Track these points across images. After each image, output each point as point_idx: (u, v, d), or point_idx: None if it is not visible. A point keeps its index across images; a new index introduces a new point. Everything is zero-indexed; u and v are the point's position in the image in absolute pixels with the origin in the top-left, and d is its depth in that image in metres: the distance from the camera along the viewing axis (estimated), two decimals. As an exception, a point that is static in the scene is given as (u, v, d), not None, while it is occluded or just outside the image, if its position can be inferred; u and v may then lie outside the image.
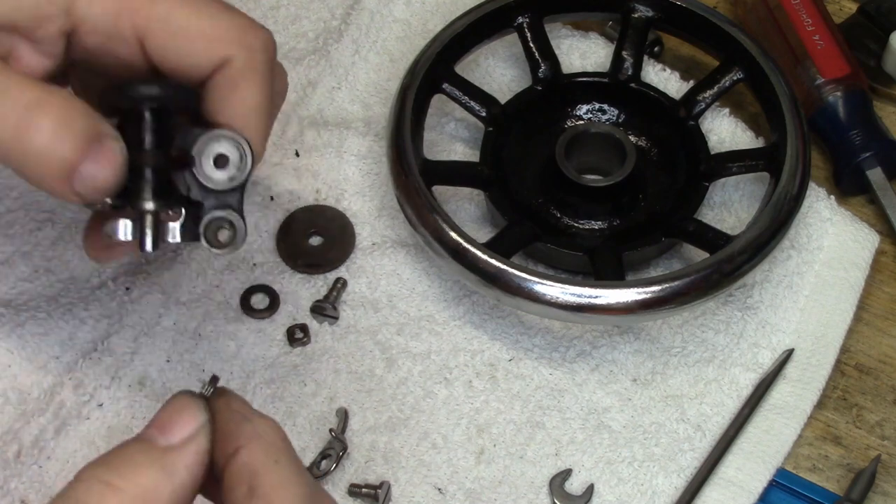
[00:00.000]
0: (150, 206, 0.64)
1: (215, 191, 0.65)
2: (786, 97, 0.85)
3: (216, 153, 0.65)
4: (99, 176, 0.62)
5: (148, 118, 0.64)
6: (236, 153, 0.65)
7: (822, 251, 0.85)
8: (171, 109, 0.65)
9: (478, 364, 0.81)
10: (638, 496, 0.77)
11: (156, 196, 0.64)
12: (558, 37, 0.93)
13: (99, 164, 0.62)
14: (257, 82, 0.68)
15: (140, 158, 0.64)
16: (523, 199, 0.86)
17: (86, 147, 0.61)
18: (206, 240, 0.66)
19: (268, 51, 0.69)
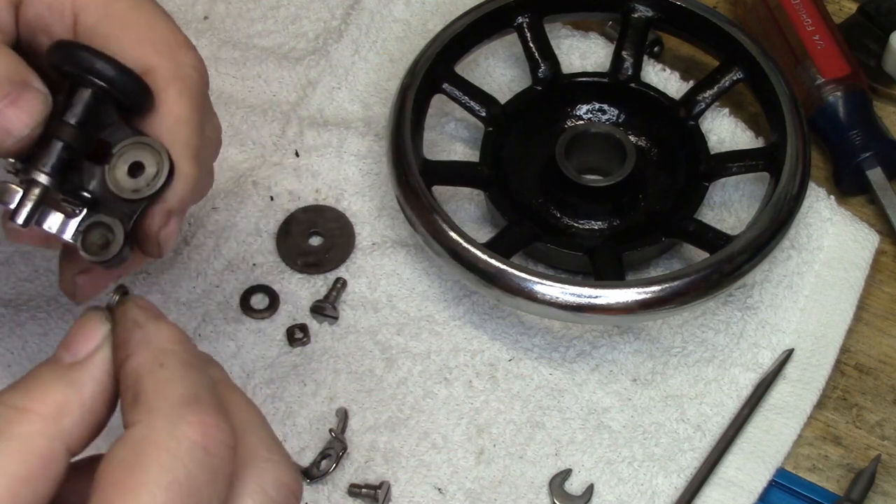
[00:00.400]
0: (42, 178, 0.60)
1: (116, 197, 0.62)
2: (786, 97, 0.85)
3: (134, 160, 0.62)
4: (15, 124, 0.59)
5: (88, 94, 0.61)
6: (153, 167, 0.62)
7: (822, 251, 0.85)
8: (115, 97, 0.62)
9: (478, 364, 0.81)
10: (638, 496, 0.77)
11: (54, 172, 0.61)
12: (558, 37, 0.93)
13: (18, 111, 0.59)
14: (186, 96, 0.65)
15: (58, 129, 0.61)
16: (523, 199, 0.86)
17: (8, 89, 0.59)
18: (82, 241, 0.62)
19: (199, 72, 0.66)
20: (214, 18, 0.96)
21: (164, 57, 0.64)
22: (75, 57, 0.61)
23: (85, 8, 0.64)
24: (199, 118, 0.65)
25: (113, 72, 0.62)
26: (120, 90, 0.62)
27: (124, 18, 0.64)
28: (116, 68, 0.62)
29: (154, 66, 0.64)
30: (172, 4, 0.96)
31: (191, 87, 0.65)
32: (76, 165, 0.62)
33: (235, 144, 0.90)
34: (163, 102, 0.64)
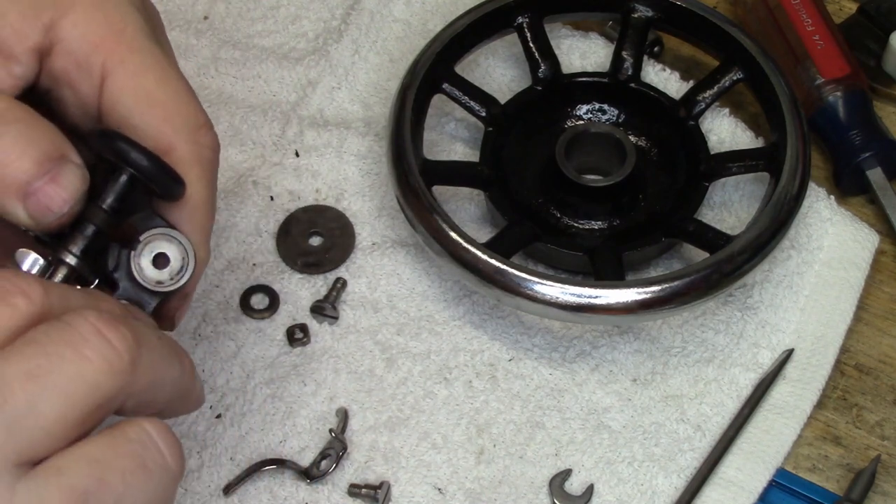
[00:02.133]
0: (71, 260, 0.61)
1: (140, 284, 0.63)
2: (786, 97, 0.85)
3: (160, 251, 0.63)
4: (55, 200, 0.59)
5: (123, 181, 0.62)
6: (179, 262, 0.64)
7: (822, 251, 0.85)
8: (149, 188, 0.63)
9: (478, 364, 0.81)
10: (638, 496, 0.77)
11: (83, 255, 0.61)
12: (558, 37, 0.93)
13: (58, 188, 0.59)
14: (205, 180, 0.65)
15: (91, 213, 0.62)
16: (523, 199, 0.86)
17: (48, 165, 0.59)
18: None
19: (215, 153, 0.67)
20: (214, 18, 0.96)
21: (185, 139, 0.65)
22: (116, 146, 0.62)
23: (114, 73, 0.64)
24: (215, 200, 0.66)
25: (151, 164, 0.62)
26: (156, 182, 0.63)
27: (151, 95, 0.64)
28: (154, 161, 0.62)
29: (175, 148, 0.64)
30: (172, 4, 0.96)
31: (208, 171, 0.65)
32: (103, 248, 0.63)
33: (235, 144, 0.90)
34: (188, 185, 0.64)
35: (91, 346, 0.54)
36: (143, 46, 0.65)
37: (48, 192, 0.59)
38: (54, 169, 0.59)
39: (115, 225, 0.62)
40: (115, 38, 0.64)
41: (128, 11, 0.66)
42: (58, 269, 0.61)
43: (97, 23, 0.64)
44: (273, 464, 0.77)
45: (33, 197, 0.59)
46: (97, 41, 0.64)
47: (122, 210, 0.63)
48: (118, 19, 0.65)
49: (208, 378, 0.80)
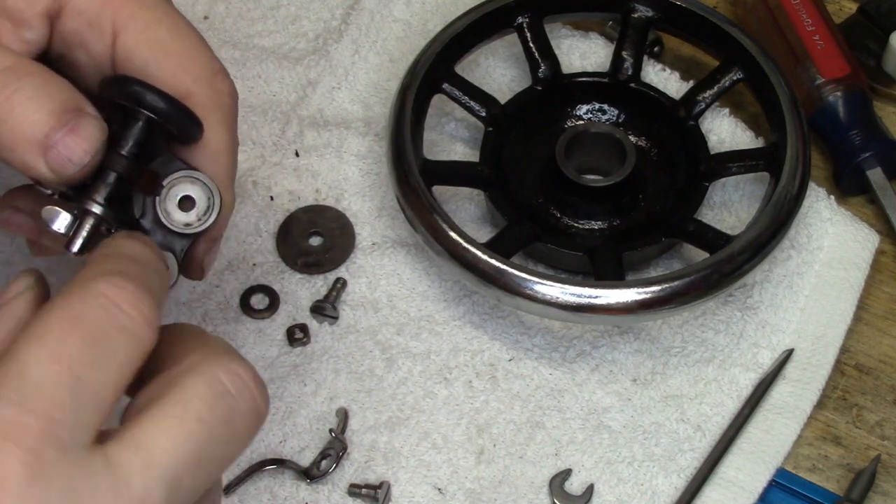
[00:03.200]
0: (97, 209, 0.61)
1: (167, 228, 0.63)
2: (786, 97, 0.85)
3: (186, 193, 0.63)
4: (76, 151, 0.59)
5: (140, 125, 0.62)
6: (205, 202, 0.64)
7: (822, 251, 0.85)
8: (167, 130, 0.63)
9: (478, 364, 0.81)
10: (638, 496, 0.77)
11: (108, 203, 0.61)
12: (558, 37, 0.93)
13: (77, 139, 0.59)
14: (225, 124, 0.66)
15: (111, 160, 0.62)
16: (523, 199, 0.86)
17: (65, 117, 0.59)
18: None
19: (234, 100, 0.67)
20: (214, 18, 0.96)
21: (203, 85, 0.65)
22: (130, 90, 0.62)
23: (125, 29, 0.64)
24: (236, 146, 0.67)
25: (167, 105, 0.62)
26: (174, 123, 0.63)
27: (165, 44, 0.65)
28: (170, 102, 0.62)
29: (193, 94, 0.64)
30: (172, 4, 0.96)
31: (228, 116, 0.66)
32: (127, 196, 0.63)
33: (235, 144, 0.90)
34: (206, 131, 0.64)
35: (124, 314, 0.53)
36: (151, 1, 0.65)
37: (68, 143, 0.59)
38: (72, 121, 0.59)
39: (136, 171, 0.62)
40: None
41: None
42: (84, 220, 0.61)
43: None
44: (273, 464, 0.77)
45: (53, 150, 0.59)
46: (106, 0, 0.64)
47: (142, 156, 0.63)
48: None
49: (208, 378, 0.80)
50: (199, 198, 0.64)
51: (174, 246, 0.64)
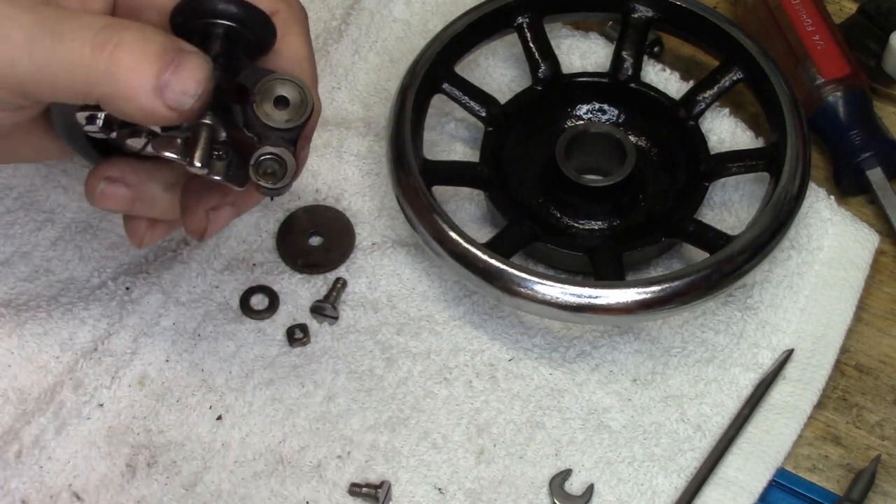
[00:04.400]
0: (207, 119, 0.64)
1: (272, 128, 0.65)
2: (786, 97, 0.85)
3: (278, 94, 0.66)
4: (188, 85, 0.62)
5: (221, 35, 0.64)
6: (298, 97, 0.66)
7: (822, 251, 0.85)
8: (243, 34, 0.65)
9: (478, 364, 0.81)
10: (638, 496, 0.77)
11: (214, 112, 0.64)
12: (558, 37, 0.93)
13: (185, 73, 0.62)
14: (304, 35, 0.70)
15: None
16: (523, 199, 0.86)
17: (171, 57, 0.61)
18: (256, 173, 0.65)
19: (306, 15, 0.71)
20: (214, 18, 0.96)
21: (281, 2, 0.69)
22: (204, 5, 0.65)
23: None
24: (313, 55, 0.71)
25: (241, 11, 0.65)
26: (250, 27, 0.66)
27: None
28: (242, 7, 0.65)
29: (275, 11, 0.69)
30: (172, 4, 0.96)
31: (305, 28, 0.71)
32: (227, 107, 0.65)
33: (235, 144, 0.90)
34: (287, 43, 0.69)
35: None
36: None
37: (179, 78, 0.62)
38: (176, 59, 0.62)
39: (228, 81, 0.65)
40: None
41: None
42: (198, 132, 0.64)
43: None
44: None
45: (167, 89, 0.61)
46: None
47: (229, 67, 0.65)
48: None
49: (208, 377, 0.80)
50: (292, 95, 0.66)
51: (285, 143, 0.66)
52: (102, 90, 0.62)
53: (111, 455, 0.77)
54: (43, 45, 0.61)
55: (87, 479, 0.76)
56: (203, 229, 0.72)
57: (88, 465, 0.77)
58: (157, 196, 0.70)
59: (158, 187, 0.70)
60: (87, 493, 0.76)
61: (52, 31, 0.61)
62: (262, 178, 0.66)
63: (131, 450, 0.77)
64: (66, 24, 0.61)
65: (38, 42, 0.61)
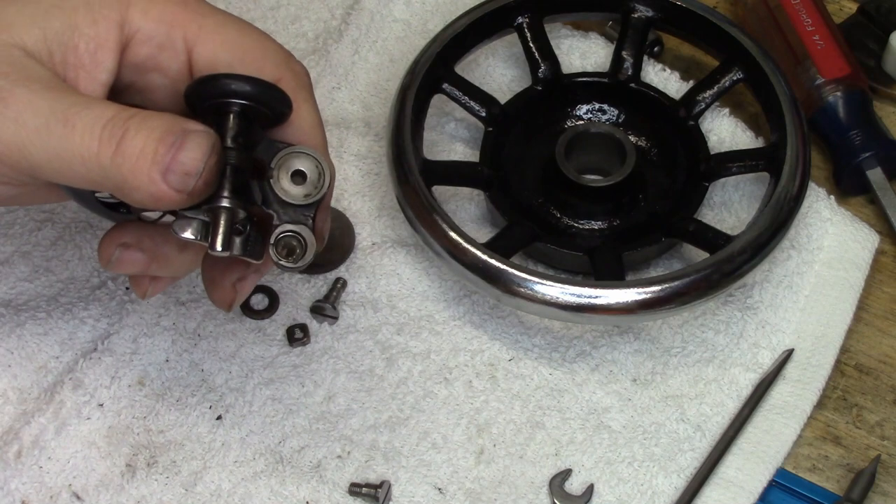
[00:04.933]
0: (226, 202, 0.63)
1: (291, 204, 0.65)
2: (786, 97, 0.85)
3: (295, 168, 0.65)
4: (190, 163, 0.61)
5: (234, 115, 0.64)
6: (315, 171, 0.65)
7: (822, 251, 0.85)
8: (259, 110, 0.65)
9: (478, 364, 0.81)
10: (638, 496, 0.77)
11: (234, 194, 0.63)
12: (558, 37, 0.93)
13: (188, 151, 0.61)
14: (311, 100, 0.69)
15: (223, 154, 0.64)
16: (523, 199, 0.86)
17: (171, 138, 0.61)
18: (276, 252, 0.65)
19: (310, 78, 0.70)
20: (214, 18, 0.96)
21: (284, 69, 0.68)
22: (218, 86, 0.64)
23: (198, 41, 0.67)
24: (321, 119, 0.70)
25: (255, 88, 0.64)
26: (265, 103, 0.65)
27: (239, 43, 0.67)
28: (256, 84, 0.65)
29: (280, 78, 0.67)
30: (172, 4, 0.96)
31: (311, 93, 0.69)
32: (245, 185, 0.65)
33: (235, 144, 0.90)
34: (295, 111, 0.68)
35: None
36: (208, 8, 0.68)
37: (180, 159, 0.61)
38: (178, 140, 0.61)
39: (246, 159, 0.64)
40: (184, 9, 0.67)
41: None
42: (217, 216, 0.63)
43: (163, 3, 0.66)
44: None
45: (170, 172, 0.61)
46: (170, 19, 0.66)
47: (247, 144, 0.65)
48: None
49: (207, 377, 0.80)
50: (309, 169, 0.66)
51: (303, 218, 0.65)
52: (113, 182, 0.62)
53: (111, 455, 0.77)
54: (55, 133, 0.61)
55: (87, 479, 0.76)
56: (231, 300, 0.71)
57: (88, 465, 0.77)
58: (173, 257, 0.69)
59: (174, 249, 0.69)
60: (87, 493, 0.76)
61: (64, 120, 0.61)
62: (282, 256, 0.65)
63: (131, 450, 0.77)
64: (78, 114, 0.62)
65: (51, 129, 0.61)
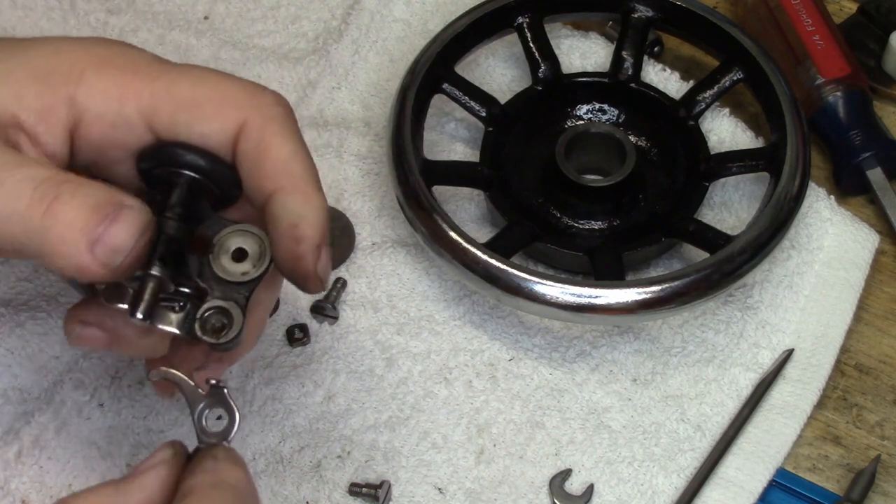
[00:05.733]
0: (154, 271, 0.61)
1: (225, 281, 0.63)
2: (786, 97, 0.85)
3: (237, 246, 0.64)
4: (120, 239, 0.59)
5: (181, 186, 0.63)
6: (257, 250, 0.64)
7: (822, 251, 0.85)
8: (207, 185, 0.63)
9: (478, 364, 0.81)
10: (638, 496, 0.77)
11: (163, 264, 0.62)
12: (558, 37, 0.93)
13: (120, 226, 0.59)
14: (283, 133, 0.65)
15: (160, 224, 0.62)
16: (523, 199, 0.86)
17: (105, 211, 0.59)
18: (200, 327, 0.63)
19: (283, 105, 0.66)
20: (214, 18, 0.96)
21: (248, 108, 0.65)
22: (165, 156, 0.63)
23: (152, 109, 0.64)
24: (304, 147, 0.66)
25: (206, 163, 0.63)
26: (214, 180, 0.63)
27: (193, 99, 0.64)
28: (208, 159, 0.63)
29: (243, 121, 0.64)
30: (172, 4, 0.96)
31: (283, 123, 0.65)
32: (182, 258, 0.63)
33: (235, 144, 0.90)
34: (267, 148, 0.64)
35: None
36: (160, 68, 0.65)
37: (111, 232, 0.59)
38: (112, 213, 0.59)
39: (184, 232, 0.63)
40: (134, 77, 0.64)
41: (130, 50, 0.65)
42: (144, 284, 0.61)
43: (112, 77, 0.64)
44: None
45: (98, 243, 0.59)
46: (120, 93, 0.64)
47: (189, 217, 0.63)
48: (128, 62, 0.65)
49: (208, 378, 0.80)
50: (251, 247, 0.64)
51: (238, 297, 0.64)
52: (37, 246, 0.60)
53: (111, 455, 0.77)
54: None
55: (87, 478, 0.76)
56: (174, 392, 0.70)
57: (88, 465, 0.77)
58: (134, 340, 0.67)
59: (134, 332, 0.66)
60: (87, 492, 0.76)
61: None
62: (206, 332, 0.63)
63: (131, 449, 0.77)
64: (9, 173, 0.60)
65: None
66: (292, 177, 0.64)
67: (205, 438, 0.64)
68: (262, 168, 0.64)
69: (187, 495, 0.59)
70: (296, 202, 0.64)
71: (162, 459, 0.61)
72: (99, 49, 0.65)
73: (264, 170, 0.64)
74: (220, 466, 0.61)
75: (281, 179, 0.64)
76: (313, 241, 0.64)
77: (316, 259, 0.64)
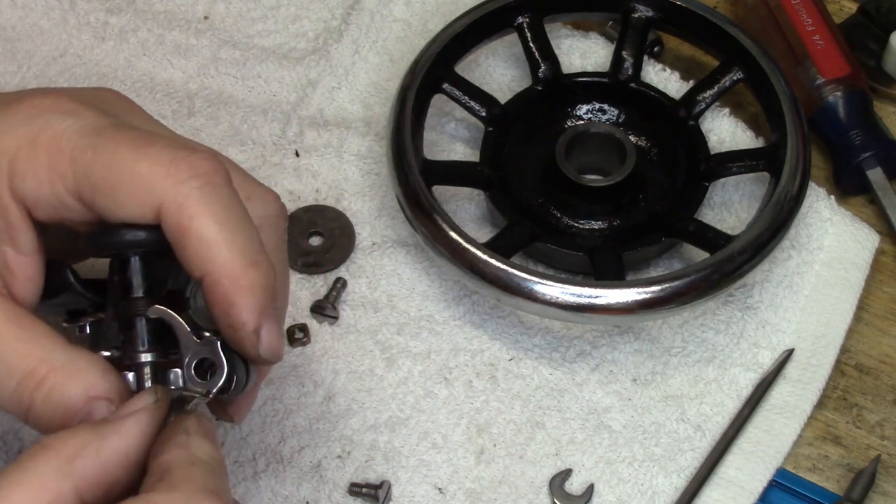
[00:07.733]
0: (145, 357, 0.62)
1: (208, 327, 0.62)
2: (786, 97, 0.85)
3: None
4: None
5: (135, 264, 0.62)
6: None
7: (822, 251, 0.85)
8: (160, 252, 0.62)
9: (478, 364, 0.81)
10: (638, 496, 0.77)
11: (150, 345, 0.62)
12: (558, 37, 0.93)
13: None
14: (203, 214, 0.59)
15: (131, 307, 0.62)
16: (523, 199, 0.86)
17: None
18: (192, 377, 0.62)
19: (203, 175, 0.60)
20: (214, 18, 0.96)
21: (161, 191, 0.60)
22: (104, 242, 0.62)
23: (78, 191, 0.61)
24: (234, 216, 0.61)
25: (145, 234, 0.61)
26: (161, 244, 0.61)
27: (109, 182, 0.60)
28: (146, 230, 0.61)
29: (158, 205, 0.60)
30: (172, 4, 0.96)
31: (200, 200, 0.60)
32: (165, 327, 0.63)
33: (235, 144, 0.90)
34: (186, 233, 0.60)
35: None
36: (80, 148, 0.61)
37: None
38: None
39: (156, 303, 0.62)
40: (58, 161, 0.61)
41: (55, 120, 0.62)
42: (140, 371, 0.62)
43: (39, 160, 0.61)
44: None
45: None
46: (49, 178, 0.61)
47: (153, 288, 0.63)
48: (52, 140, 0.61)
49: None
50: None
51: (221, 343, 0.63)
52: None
53: (111, 455, 0.77)
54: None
55: (87, 478, 0.76)
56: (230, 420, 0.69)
57: (88, 464, 0.76)
58: None
59: None
60: (87, 492, 0.76)
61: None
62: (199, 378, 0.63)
63: (131, 450, 0.77)
64: None
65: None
66: (216, 262, 0.60)
67: (190, 386, 0.62)
68: (186, 253, 0.60)
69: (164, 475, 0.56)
70: (224, 289, 0.60)
71: (144, 406, 0.59)
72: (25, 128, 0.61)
73: (188, 256, 0.60)
74: (193, 442, 0.58)
75: (205, 265, 0.60)
76: (248, 326, 0.60)
77: (255, 342, 0.61)
